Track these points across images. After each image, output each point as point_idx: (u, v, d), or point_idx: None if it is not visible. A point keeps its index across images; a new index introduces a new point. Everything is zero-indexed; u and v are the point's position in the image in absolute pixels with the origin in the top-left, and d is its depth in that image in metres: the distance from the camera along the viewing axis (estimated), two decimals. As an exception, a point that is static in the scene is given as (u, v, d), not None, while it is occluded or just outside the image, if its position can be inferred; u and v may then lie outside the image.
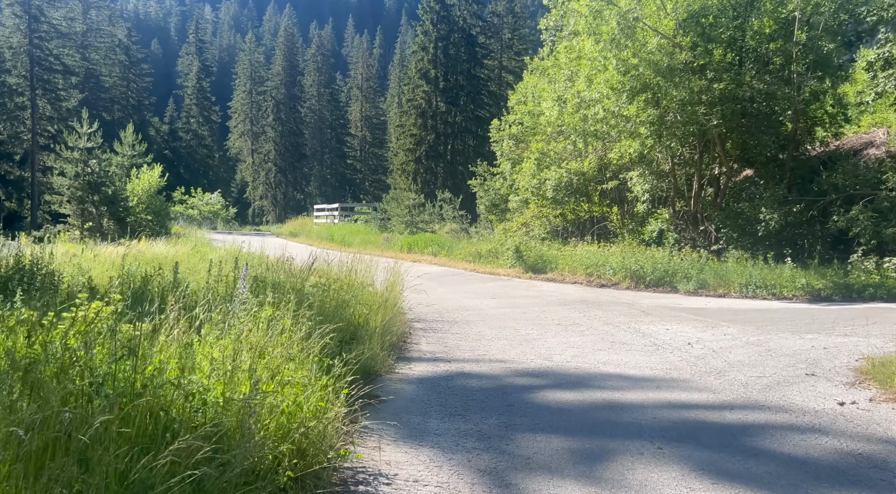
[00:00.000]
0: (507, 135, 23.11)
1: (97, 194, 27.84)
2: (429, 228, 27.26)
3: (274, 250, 18.75)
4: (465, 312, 11.60)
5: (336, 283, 8.91)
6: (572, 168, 17.99)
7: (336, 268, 12.37)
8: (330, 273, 11.03)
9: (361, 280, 10.39)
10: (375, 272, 12.41)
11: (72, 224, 27.85)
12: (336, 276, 10.64)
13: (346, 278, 10.48)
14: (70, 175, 27.25)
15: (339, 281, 9.87)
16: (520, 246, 17.83)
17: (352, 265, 12.12)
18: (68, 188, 27.40)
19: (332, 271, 11.51)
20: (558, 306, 12.05)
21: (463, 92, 47.25)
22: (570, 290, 14.56)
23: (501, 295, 13.75)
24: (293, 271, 11.71)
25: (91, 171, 27.70)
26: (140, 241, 23.11)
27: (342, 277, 10.65)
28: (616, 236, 19.07)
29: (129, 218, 28.54)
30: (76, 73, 49.95)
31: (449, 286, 15.49)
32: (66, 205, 27.44)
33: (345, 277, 10.71)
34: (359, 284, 9.98)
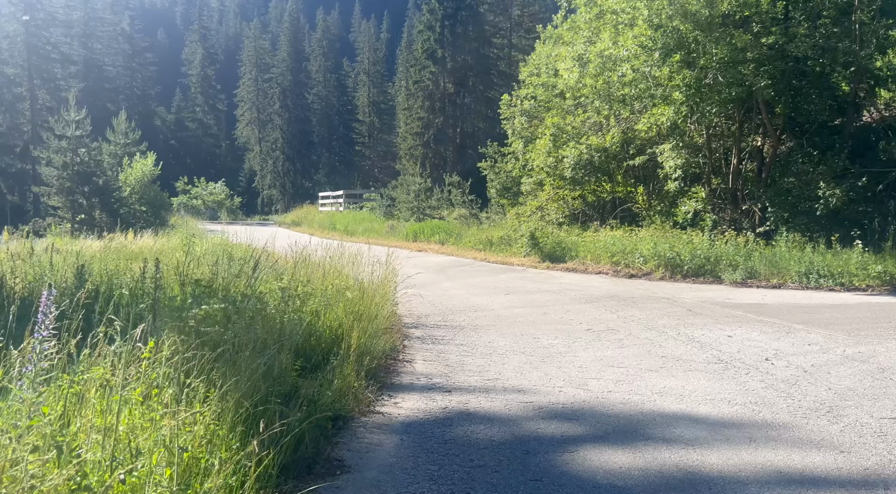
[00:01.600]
0: (518, 111, 20.92)
1: (87, 185, 26.03)
2: (436, 214, 25.19)
3: (269, 241, 16.86)
4: (473, 313, 9.56)
5: (306, 286, 6.87)
6: (593, 144, 15.81)
7: (322, 260, 10.42)
8: (311, 270, 9.05)
9: (344, 280, 8.37)
10: (365, 266, 10.42)
11: (62, 217, 26.08)
12: (316, 273, 8.65)
13: (328, 276, 8.49)
14: (58, 165, 25.43)
15: (319, 280, 7.87)
16: (535, 232, 15.74)
17: (338, 258, 10.15)
18: (57, 179, 25.60)
19: (314, 265, 9.54)
20: (585, 303, 9.97)
21: (471, 72, 44.90)
22: (595, 282, 12.45)
23: (516, 290, 11.69)
24: (274, 267, 9.76)
25: (81, 160, 25.87)
26: (127, 234, 21.29)
27: (325, 273, 8.65)
28: (642, 218, 16.91)
29: (123, 209, 26.73)
30: (75, 61, 48.11)
31: (456, 280, 13.45)
32: (54, 197, 25.63)
33: (328, 273, 8.72)
34: (341, 284, 7.95)
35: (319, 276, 8.23)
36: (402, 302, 10.75)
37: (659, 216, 15.86)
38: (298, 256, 9.75)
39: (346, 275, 8.66)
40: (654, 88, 12.35)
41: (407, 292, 11.95)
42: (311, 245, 13.32)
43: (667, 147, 13.55)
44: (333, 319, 6.23)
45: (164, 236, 21.22)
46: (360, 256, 11.26)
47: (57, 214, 26.01)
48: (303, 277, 7.57)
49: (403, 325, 8.78)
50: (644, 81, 12.37)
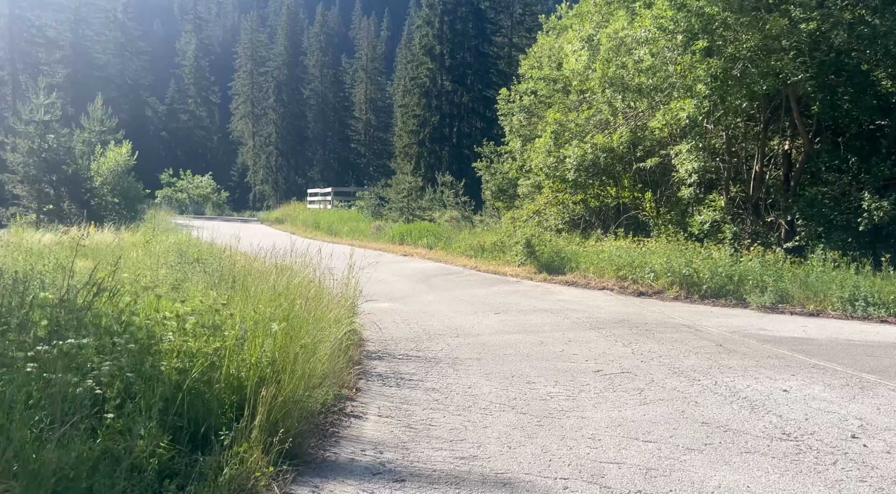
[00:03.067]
0: (517, 107, 19.14)
1: (56, 174, 24.11)
2: (427, 215, 23.39)
3: (236, 239, 15.06)
4: (455, 339, 7.75)
5: (221, 311, 5.04)
6: (598, 143, 14.03)
7: (272, 267, 8.65)
8: (250, 281, 7.27)
9: (287, 298, 6.54)
10: (325, 276, 8.65)
11: (27, 207, 24.15)
12: (255, 287, 6.84)
13: (262, 295, 6.69)
14: (23, 151, 23.49)
15: (245, 301, 6.07)
16: (531, 239, 13.94)
17: (289, 268, 8.39)
18: (22, 166, 23.66)
19: (258, 274, 7.76)
20: (589, 330, 8.18)
21: (470, 70, 43.19)
22: (599, 301, 10.66)
23: (508, 308, 9.88)
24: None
25: (49, 147, 23.96)
26: (89, 227, 19.44)
27: (263, 290, 6.85)
28: (649, 228, 15.15)
29: (93, 201, 24.82)
30: (61, 47, 46.13)
31: (440, 291, 11.64)
32: (18, 185, 23.70)
33: (266, 289, 6.92)
34: (280, 305, 6.14)
35: (252, 293, 6.41)
36: (371, 322, 8.97)
37: (670, 226, 14.10)
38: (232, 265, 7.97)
39: (293, 291, 6.85)
40: (676, 77, 10.57)
41: (380, 308, 10.18)
42: (281, 246, 11.60)
43: (684, 148, 11.77)
44: (243, 364, 4.40)
45: (133, 231, 19.35)
46: (327, 260, 9.51)
47: (21, 204, 24.07)
48: (225, 296, 5.73)
49: (365, 354, 6.98)
50: (664, 68, 10.59)
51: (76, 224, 20.51)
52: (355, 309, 7.79)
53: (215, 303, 5.14)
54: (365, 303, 10.59)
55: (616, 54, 11.36)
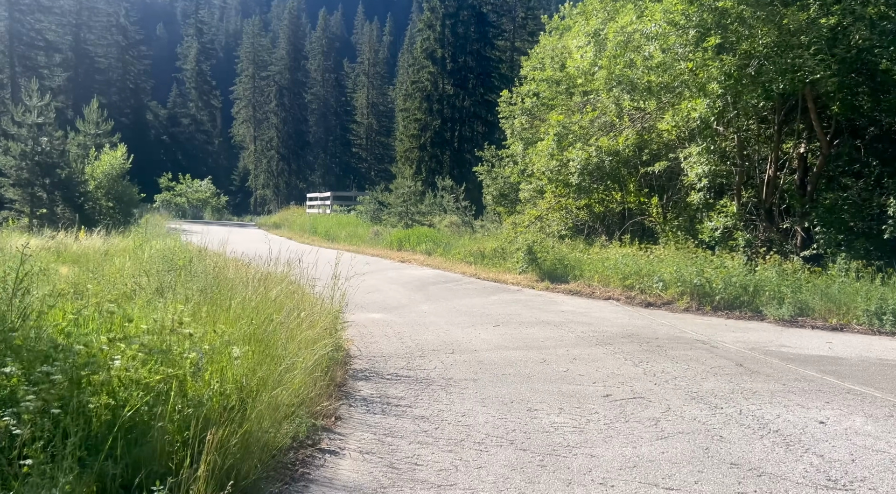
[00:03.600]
0: (519, 109, 18.51)
1: (49, 177, 23.54)
2: (426, 220, 22.75)
3: (223, 245, 14.53)
4: (450, 355, 7.09)
5: (176, 330, 4.38)
6: (603, 146, 13.38)
7: (255, 276, 8.05)
8: (226, 292, 6.67)
9: (262, 312, 5.92)
10: (311, 284, 8.06)
11: (19, 211, 23.57)
12: (227, 298, 6.24)
13: (230, 313, 6.09)
14: (15, 154, 22.91)
15: (212, 319, 5.45)
16: (533, 246, 13.29)
17: (273, 276, 7.79)
18: (14, 169, 23.08)
19: (235, 283, 7.16)
20: (596, 346, 7.51)
21: (472, 74, 42.60)
22: (605, 312, 9.98)
23: (508, 320, 9.22)
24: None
25: (42, 150, 23.39)
26: (79, 232, 18.84)
27: (234, 305, 6.26)
28: (656, 234, 14.50)
29: (87, 205, 24.24)
30: (61, 50, 45.67)
31: (437, 301, 10.98)
32: (11, 189, 23.11)
33: (236, 304, 6.32)
34: (251, 323, 5.52)
35: (223, 307, 5.78)
36: (361, 335, 8.33)
37: (678, 232, 13.44)
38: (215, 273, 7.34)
39: (269, 304, 6.21)
40: (688, 75, 9.90)
41: (372, 319, 9.53)
42: (273, 251, 11.00)
43: (694, 151, 11.10)
44: (193, 398, 3.75)
45: (125, 236, 18.74)
46: (319, 267, 8.91)
47: (13, 207, 23.48)
48: (188, 312, 5.09)
49: (350, 374, 6.32)
50: (675, 65, 9.92)
51: (69, 228, 19.95)
52: (341, 323, 7.13)
53: (174, 322, 4.48)
54: (356, 314, 9.95)
55: (624, 50, 10.70)
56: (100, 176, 24.57)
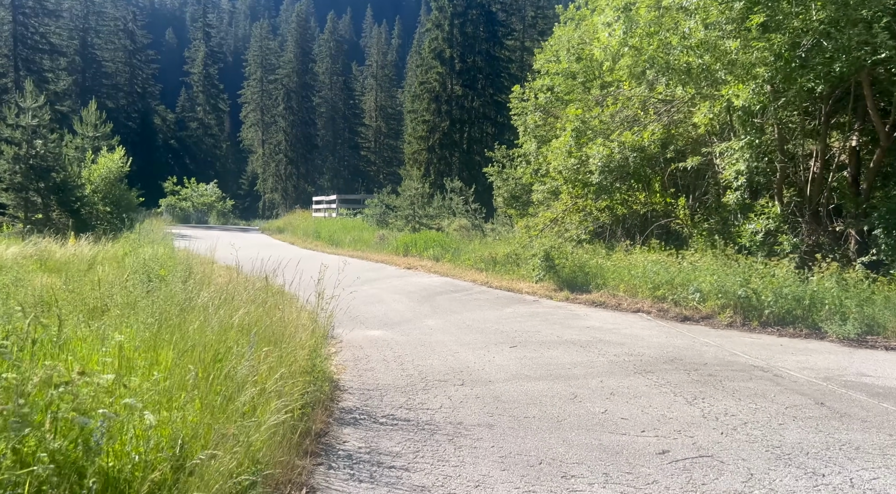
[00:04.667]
0: (531, 106, 17.18)
1: (43, 181, 22.47)
2: (434, 224, 21.46)
3: (219, 252, 13.46)
4: (458, 387, 5.80)
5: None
6: (627, 141, 12.04)
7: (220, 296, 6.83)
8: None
9: (222, 344, 4.66)
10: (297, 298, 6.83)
11: (13, 216, 22.51)
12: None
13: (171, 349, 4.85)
14: (8, 157, 21.85)
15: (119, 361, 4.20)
16: (551, 252, 11.97)
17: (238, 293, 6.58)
18: (8, 173, 22.02)
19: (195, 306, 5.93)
20: (635, 375, 6.18)
21: (481, 74, 41.29)
22: (637, 328, 8.64)
23: (526, 339, 7.91)
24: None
25: (36, 153, 22.33)
26: (69, 238, 17.73)
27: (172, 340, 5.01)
28: (682, 237, 13.15)
29: (83, 209, 23.15)
30: (65, 53, 44.81)
31: (444, 315, 9.68)
32: (3, 193, 22.04)
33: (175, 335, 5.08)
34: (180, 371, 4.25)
35: (176, 336, 4.52)
36: (355, 358, 7.04)
37: (715, 236, 12.08)
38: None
39: (232, 333, 4.95)
40: (736, 53, 8.52)
41: (370, 338, 8.24)
42: (270, 258, 9.86)
43: (736, 145, 9.74)
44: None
45: (116, 241, 17.58)
46: (312, 275, 7.67)
47: (6, 213, 22.41)
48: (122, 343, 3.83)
49: (336, 416, 5.04)
50: (720, 44, 8.55)
51: (62, 234, 18.84)
52: (326, 350, 5.86)
53: (76, 370, 3.20)
54: (353, 331, 8.68)
55: (658, 27, 9.37)
56: (97, 180, 23.50)
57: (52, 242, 16.07)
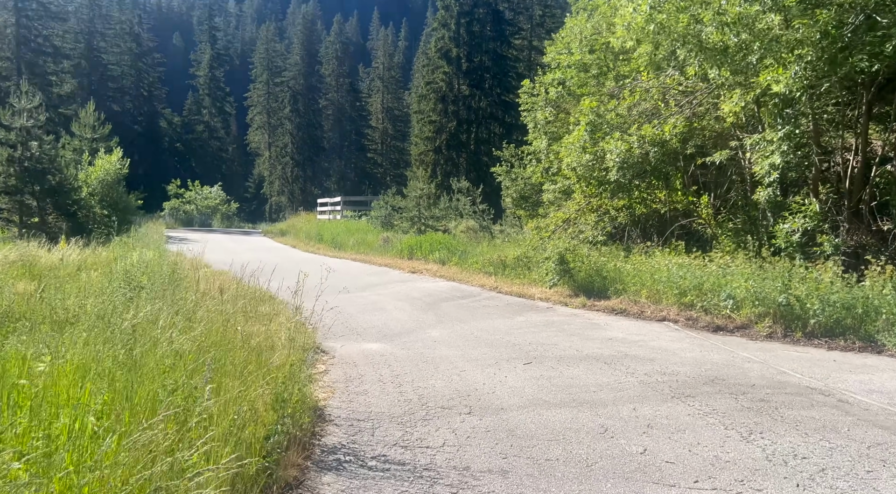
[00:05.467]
0: (542, 100, 16.23)
1: (39, 184, 21.71)
2: (440, 225, 20.52)
3: (215, 256, 12.64)
4: (463, 418, 4.85)
5: None
6: (647, 135, 11.08)
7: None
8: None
9: (170, 377, 3.71)
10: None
11: (7, 220, 21.76)
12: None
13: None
14: (2, 160, 21.10)
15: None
16: (565, 254, 10.99)
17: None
18: (1, 175, 21.27)
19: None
20: (673, 400, 5.21)
21: (488, 74, 40.34)
22: (665, 340, 7.65)
23: (542, 353, 6.95)
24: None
25: (31, 155, 21.57)
26: (59, 243, 16.92)
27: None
28: (705, 238, 12.17)
29: (80, 213, 22.38)
30: (68, 56, 44.21)
31: (449, 324, 8.73)
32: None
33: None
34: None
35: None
36: (348, 378, 6.11)
37: (734, 236, 11.10)
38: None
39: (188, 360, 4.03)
40: (780, 28, 7.52)
41: (367, 352, 7.31)
42: (266, 262, 8.99)
43: (774, 136, 8.73)
44: None
45: (108, 246, 16.74)
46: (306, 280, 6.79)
47: (1, 216, 21.66)
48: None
49: (316, 457, 4.10)
50: (761, 18, 7.57)
51: (56, 239, 18.03)
52: (313, 367, 4.91)
53: None
54: (348, 343, 7.76)
55: (690, 2, 8.38)
56: (94, 182, 22.71)
57: (38, 246, 15.25)
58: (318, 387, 5.77)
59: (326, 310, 10.09)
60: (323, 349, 7.39)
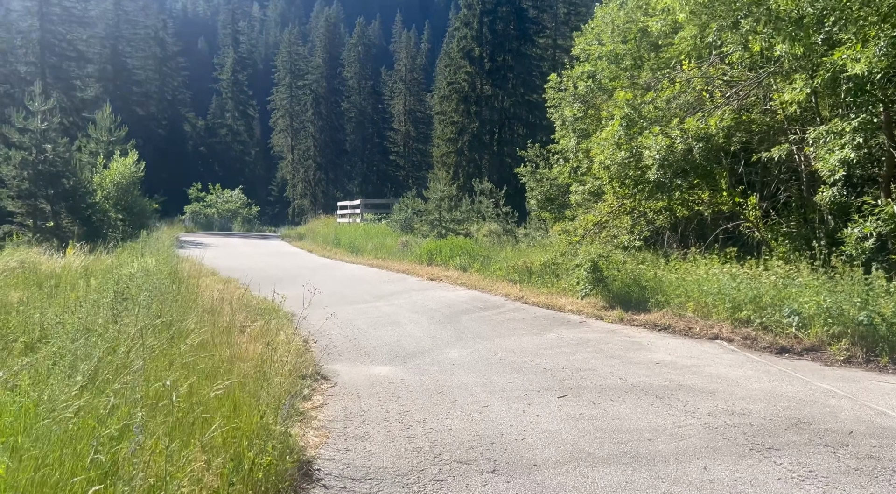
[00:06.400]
0: (570, 96, 15.08)
1: (53, 188, 21.12)
2: (462, 229, 19.44)
3: (227, 261, 11.73)
4: (486, 478, 3.76)
5: None
6: (690, 129, 9.89)
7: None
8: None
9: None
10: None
11: (21, 224, 21.20)
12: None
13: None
14: (15, 163, 20.54)
15: None
16: (599, 261, 9.84)
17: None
18: (15, 179, 20.72)
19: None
20: (752, 455, 4.06)
21: (511, 73, 39.17)
22: (723, 366, 6.47)
23: (579, 381, 5.83)
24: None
25: (45, 158, 21.00)
26: (67, 249, 16.26)
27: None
28: (754, 243, 10.93)
29: (95, 217, 21.75)
30: (92, 60, 44.06)
31: (471, 342, 7.64)
32: (10, 201, 20.72)
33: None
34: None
35: None
36: (347, 416, 5.06)
37: (789, 242, 9.86)
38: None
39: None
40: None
41: (374, 378, 6.26)
42: (275, 270, 7.95)
43: (844, 126, 7.48)
44: None
45: (117, 251, 15.96)
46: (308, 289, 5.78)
47: (14, 221, 21.10)
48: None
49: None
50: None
51: (79, 243, 17.33)
52: (306, 399, 3.86)
53: None
54: (354, 366, 6.71)
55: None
56: (108, 186, 22.06)
57: (41, 253, 14.53)
58: (311, 428, 4.74)
59: (335, 324, 9.09)
60: (324, 373, 6.37)
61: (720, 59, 11.06)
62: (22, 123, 20.75)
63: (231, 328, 6.66)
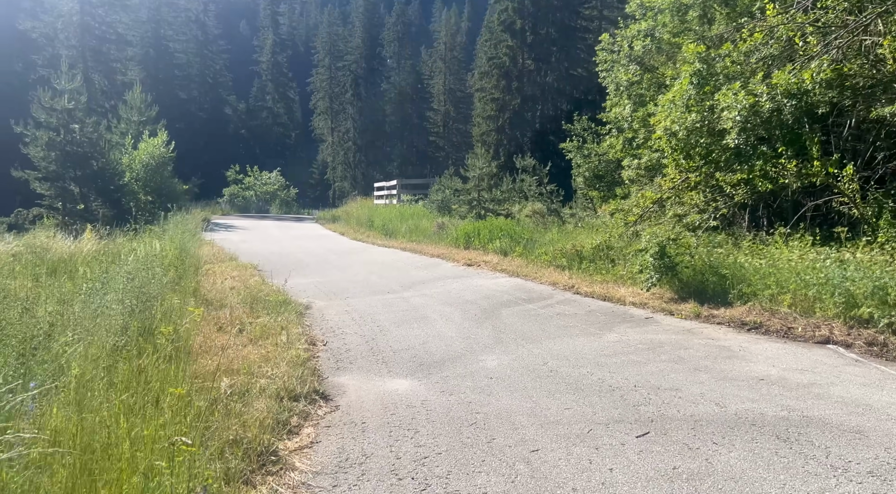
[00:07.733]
0: (625, 57, 13.21)
1: (81, 169, 20.31)
2: (502, 209, 17.80)
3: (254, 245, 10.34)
4: None
5: None
6: (780, 84, 8.03)
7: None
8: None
9: None
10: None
11: (51, 207, 20.50)
12: None
13: None
14: (42, 144, 19.76)
15: None
16: (667, 246, 8.11)
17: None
18: (43, 161, 19.97)
19: None
20: None
21: (555, 46, 37.01)
22: (856, 386, 4.76)
23: (661, 409, 4.21)
24: None
25: (72, 138, 20.17)
26: (85, 232, 15.31)
27: None
28: (850, 222, 9.01)
29: (124, 199, 20.91)
30: (131, 43, 43.58)
31: (511, 347, 6.09)
32: (38, 183, 20.00)
33: None
34: None
35: None
36: (342, 463, 3.56)
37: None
38: None
39: None
40: None
41: (390, 396, 4.74)
42: (303, 254, 6.44)
43: None
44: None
45: (133, 236, 14.84)
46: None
47: (43, 204, 20.41)
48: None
49: None
50: None
51: (109, 226, 16.43)
52: (295, 436, 2.34)
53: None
54: (368, 380, 5.24)
55: None
56: (137, 167, 21.15)
57: (53, 236, 13.55)
58: (284, 485, 3.28)
59: (352, 320, 7.66)
60: (326, 390, 4.92)
61: (812, 3, 9.11)
62: (49, 102, 19.93)
63: (228, 325, 5.27)
